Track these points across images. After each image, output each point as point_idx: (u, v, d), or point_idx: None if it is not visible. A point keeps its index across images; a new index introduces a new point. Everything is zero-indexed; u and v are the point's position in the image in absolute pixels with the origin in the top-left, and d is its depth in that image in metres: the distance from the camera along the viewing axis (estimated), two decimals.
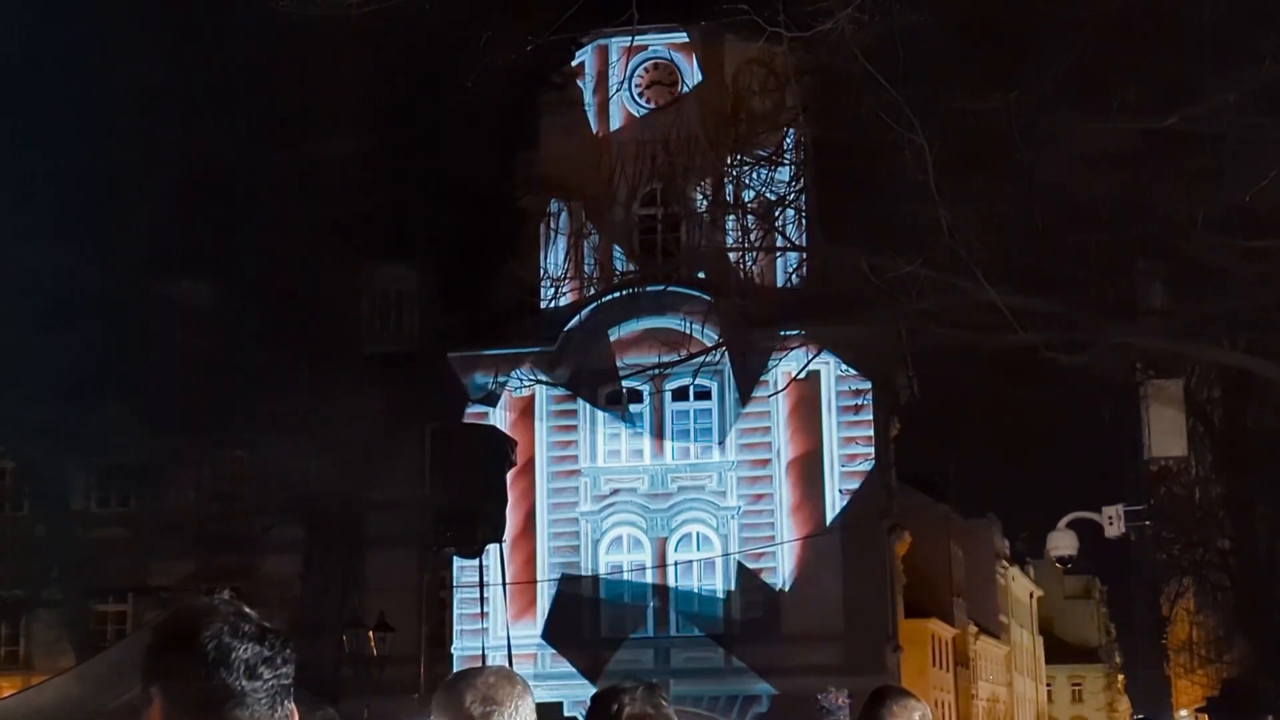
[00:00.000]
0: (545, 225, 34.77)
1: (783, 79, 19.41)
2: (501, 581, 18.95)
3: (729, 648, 33.51)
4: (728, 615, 33.98)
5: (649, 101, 35.23)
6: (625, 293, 33.71)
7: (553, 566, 34.36)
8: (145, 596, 36.84)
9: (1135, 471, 31.14)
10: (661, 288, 32.71)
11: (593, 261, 34.83)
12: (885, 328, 25.36)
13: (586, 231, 34.44)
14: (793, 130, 20.04)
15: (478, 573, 17.22)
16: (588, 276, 34.84)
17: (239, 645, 2.28)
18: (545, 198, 34.74)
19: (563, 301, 34.82)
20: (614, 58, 34.82)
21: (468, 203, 33.28)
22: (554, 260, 34.46)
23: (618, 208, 34.04)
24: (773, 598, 33.47)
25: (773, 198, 21.50)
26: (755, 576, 33.69)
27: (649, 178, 33.04)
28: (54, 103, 31.73)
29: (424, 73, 28.75)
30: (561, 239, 34.56)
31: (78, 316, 32.99)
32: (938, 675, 53.44)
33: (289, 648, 2.34)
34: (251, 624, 2.32)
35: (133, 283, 34.50)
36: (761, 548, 33.66)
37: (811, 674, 30.24)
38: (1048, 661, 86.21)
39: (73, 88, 31.27)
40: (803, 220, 23.46)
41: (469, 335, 34.07)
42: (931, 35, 14.60)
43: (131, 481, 38.54)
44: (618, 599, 34.40)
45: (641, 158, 32.04)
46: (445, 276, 35.90)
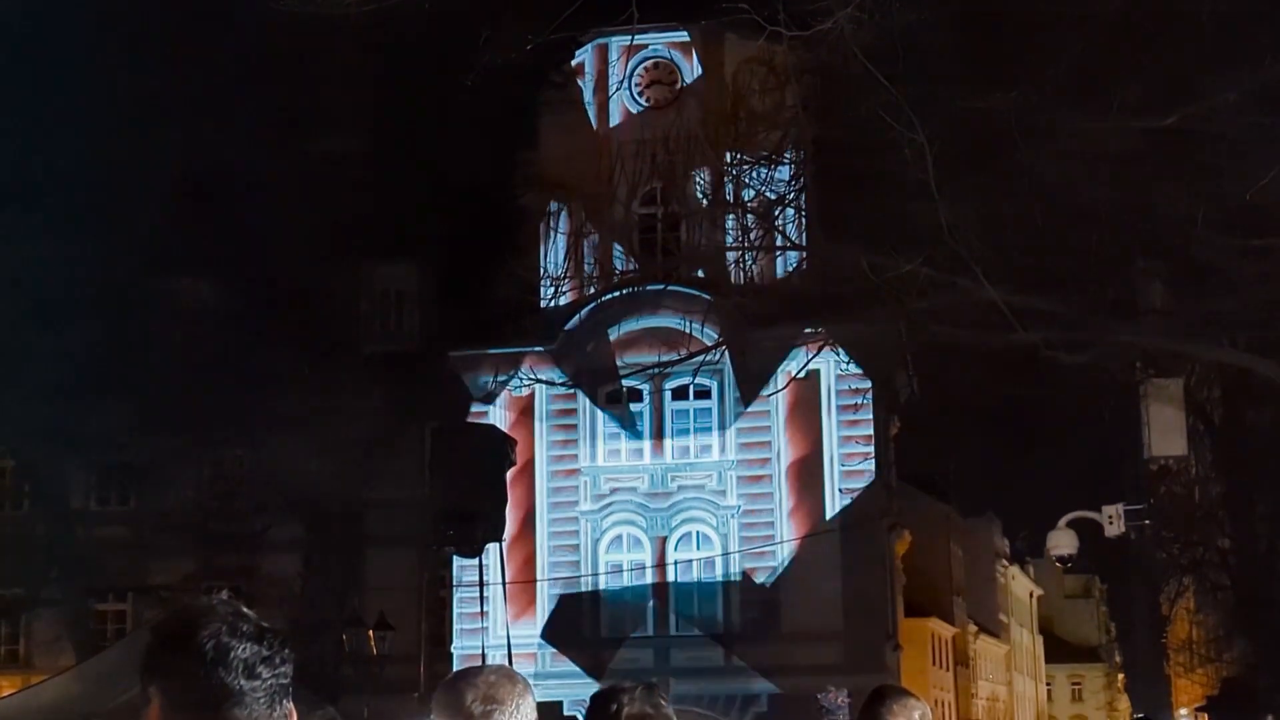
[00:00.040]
0: (545, 224, 34.76)
1: (783, 78, 19.40)
2: (501, 581, 18.95)
3: (729, 647, 33.49)
4: (727, 614, 33.98)
5: (649, 100, 35.22)
6: (625, 292, 33.69)
7: (552, 566, 34.36)
8: (145, 596, 36.83)
9: (1135, 471, 31.10)
10: (661, 287, 32.69)
11: (592, 260, 34.81)
12: (885, 326, 25.40)
13: (586, 230, 34.42)
14: (793, 129, 20.01)
15: (478, 572, 17.21)
16: (587, 275, 34.83)
17: (237, 645, 2.28)
18: (545, 197, 34.71)
19: (563, 301, 34.81)
20: (614, 57, 34.82)
21: (467, 202, 33.28)
22: (554, 259, 34.45)
23: (617, 207, 34.02)
24: (772, 597, 33.46)
25: (773, 196, 21.50)
26: (755, 576, 33.68)
27: (649, 177, 33.00)
28: (54, 103, 31.74)
29: (424, 72, 28.73)
30: (561, 238, 34.55)
31: (78, 316, 33.01)
32: (937, 674, 53.41)
33: (287, 647, 2.34)
34: (250, 624, 2.32)
35: (133, 282, 34.51)
36: (761, 547, 33.65)
37: (811, 673, 30.27)
38: (1047, 661, 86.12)
39: (73, 87, 31.28)
40: (803, 219, 23.44)
41: (469, 334, 34.05)
42: (931, 34, 14.61)
43: (131, 480, 38.53)
44: (618, 598, 34.40)
45: (641, 156, 32.02)
46: (445, 276, 35.91)
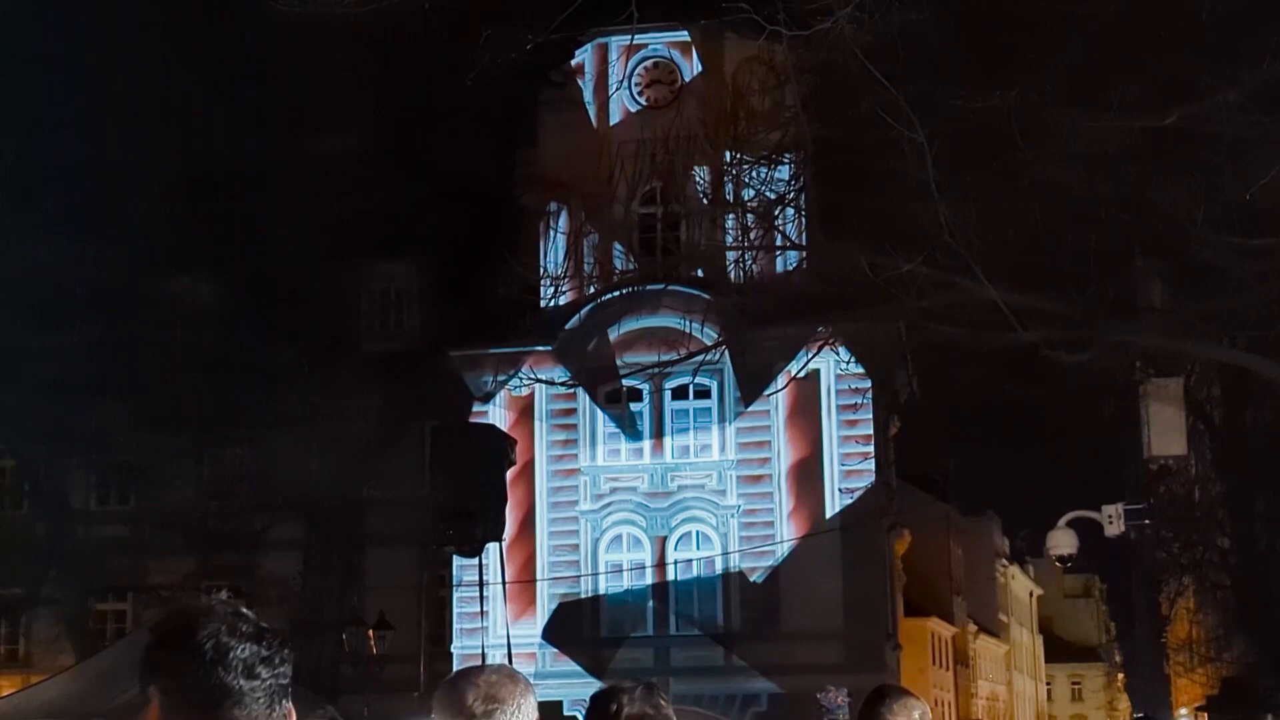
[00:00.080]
0: (545, 223, 34.75)
1: (783, 77, 19.40)
2: (501, 580, 18.94)
3: (728, 646, 33.48)
4: (727, 614, 33.97)
5: (649, 100, 35.21)
6: (625, 291, 33.66)
7: (552, 565, 34.35)
8: (145, 595, 36.84)
9: (1135, 470, 31.12)
10: (661, 286, 32.66)
11: (592, 260, 34.80)
12: (885, 326, 25.40)
13: (586, 230, 34.39)
14: (793, 128, 20.00)
15: (477, 571, 17.19)
16: (587, 275, 34.82)
17: (236, 645, 2.28)
18: (545, 196, 34.70)
19: (562, 300, 34.79)
20: (614, 56, 34.80)
21: (468, 201, 33.25)
22: (554, 259, 34.43)
23: (617, 206, 33.99)
24: (772, 596, 33.45)
25: (773, 196, 21.49)
26: (755, 575, 33.67)
27: (649, 176, 32.96)
28: (53, 102, 31.73)
29: (424, 71, 28.73)
30: (561, 237, 34.52)
31: (77, 315, 33.01)
32: (937, 674, 53.42)
33: (286, 647, 2.34)
34: (249, 624, 2.32)
35: (132, 281, 34.49)
36: (761, 546, 33.63)
37: (811, 672, 30.25)
38: (1047, 660, 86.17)
39: (72, 86, 31.27)
40: (802, 219, 23.44)
41: (469, 334, 34.03)
42: (931, 33, 14.60)
43: (131, 479, 38.51)
44: (617, 598, 34.39)
45: (641, 156, 31.97)
46: (445, 275, 35.87)
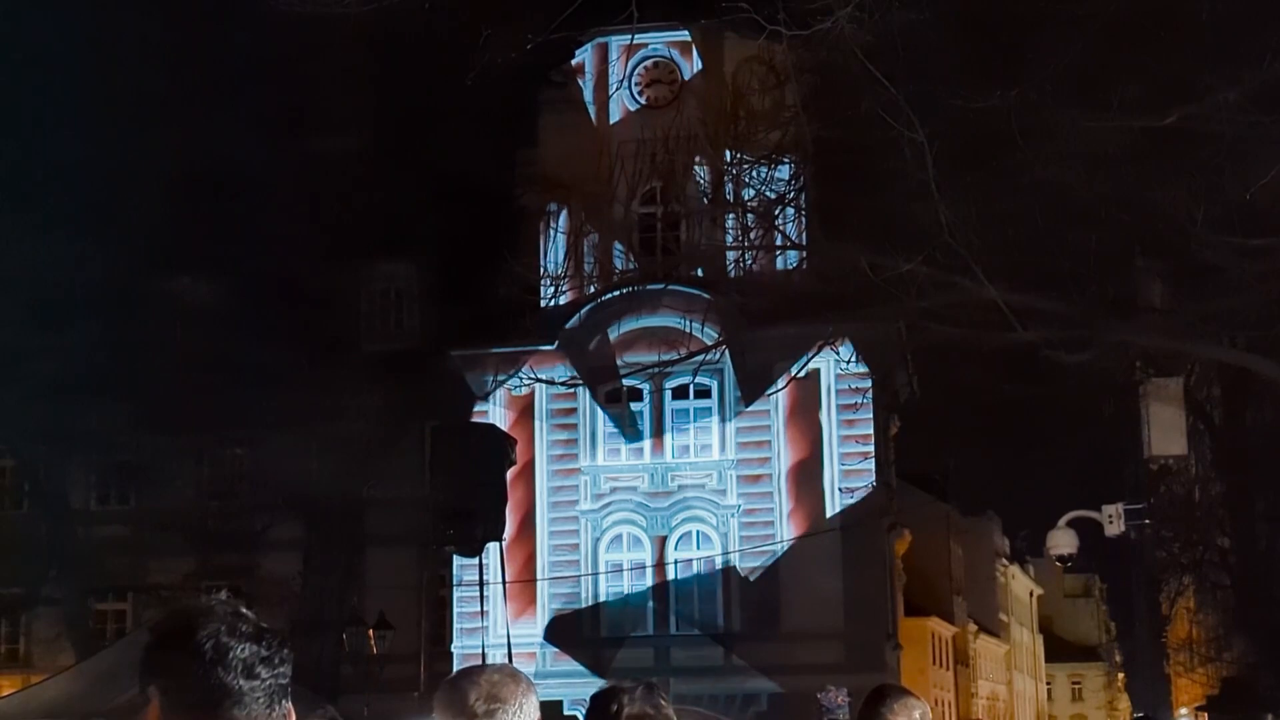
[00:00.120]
0: (545, 223, 34.75)
1: (783, 77, 19.40)
2: (501, 580, 18.93)
3: (729, 646, 33.48)
4: (727, 613, 33.97)
5: (649, 100, 35.21)
6: (625, 291, 33.66)
7: (553, 565, 34.35)
8: (145, 595, 36.83)
9: (1135, 470, 31.14)
10: (661, 286, 32.65)
11: (592, 260, 34.80)
12: (885, 326, 25.40)
13: (586, 230, 34.39)
14: (793, 128, 20.00)
15: (477, 571, 17.19)
16: (587, 275, 34.82)
17: (236, 645, 2.28)
18: (545, 196, 34.71)
19: (562, 300, 34.79)
20: (614, 56, 34.80)
21: (468, 201, 33.25)
22: (554, 258, 34.43)
23: (617, 206, 33.99)
24: (772, 596, 33.45)
25: (772, 196, 21.47)
26: (755, 575, 33.67)
27: (649, 176, 32.96)
28: (53, 102, 31.72)
29: (424, 70, 28.72)
30: (561, 237, 34.53)
31: (78, 314, 32.99)
32: (937, 674, 53.40)
33: (286, 647, 2.34)
34: (249, 624, 2.32)
35: (132, 280, 34.48)
36: (761, 546, 33.64)
37: (811, 672, 30.21)
38: (1048, 660, 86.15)
39: (72, 86, 31.26)
40: (802, 218, 23.41)
41: (469, 334, 34.03)
42: (931, 33, 14.60)
43: (131, 479, 38.51)
44: (617, 598, 34.40)
45: (641, 156, 31.96)
46: (445, 274, 35.86)
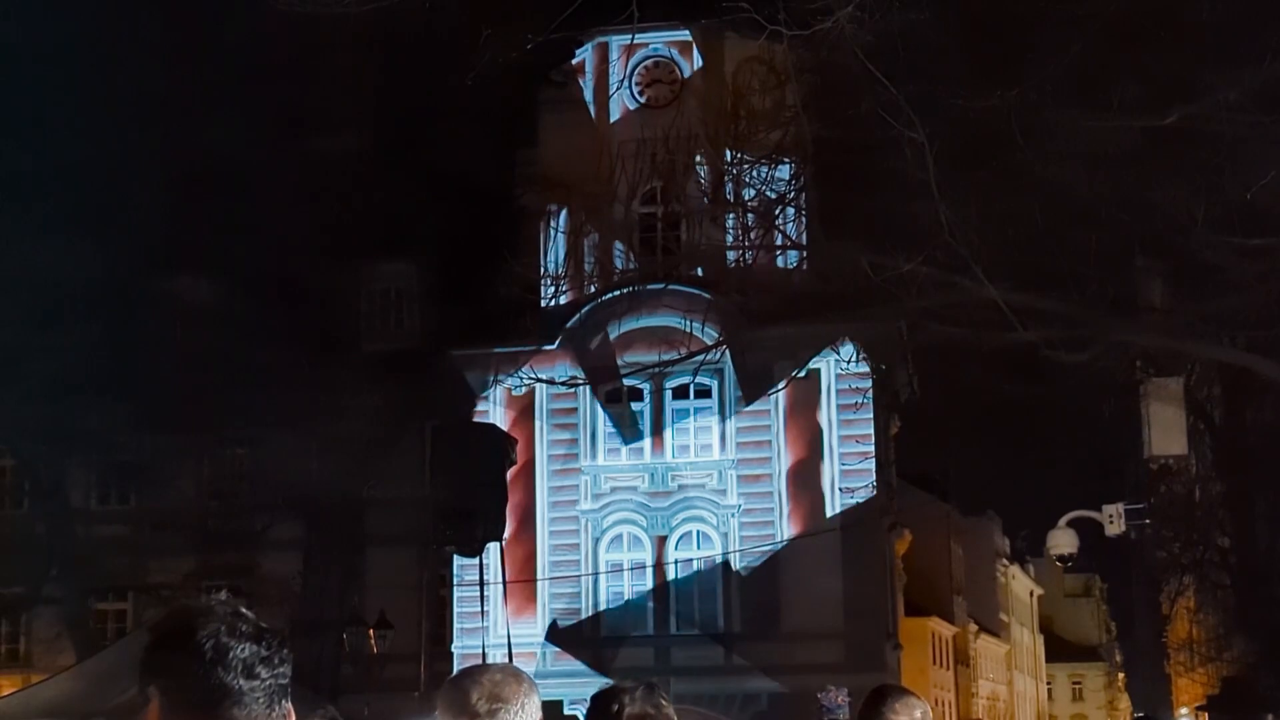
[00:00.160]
0: (545, 223, 34.75)
1: (783, 77, 19.39)
2: (502, 580, 18.95)
3: (729, 646, 33.48)
4: (728, 613, 33.97)
5: (649, 99, 35.21)
6: (625, 291, 33.67)
7: (553, 565, 34.35)
8: (145, 594, 36.82)
9: (1135, 470, 31.14)
10: (662, 286, 32.65)
11: (593, 259, 34.81)
12: (885, 326, 25.39)
13: (586, 229, 34.40)
14: (793, 128, 20.01)
15: (478, 571, 17.20)
16: (588, 274, 34.83)
17: (236, 645, 2.28)
18: (545, 195, 34.71)
19: (563, 299, 34.79)
20: (614, 55, 34.81)
21: (468, 200, 33.25)
22: (554, 258, 34.44)
23: (618, 205, 34.00)
24: (772, 596, 33.45)
25: (773, 195, 21.48)
26: (755, 575, 33.67)
27: (649, 176, 32.97)
28: (54, 101, 31.71)
29: (424, 70, 28.72)
30: (561, 237, 34.54)
31: (77, 313, 32.99)
32: (938, 673, 53.41)
33: (286, 648, 2.34)
34: (248, 624, 2.32)
35: (132, 280, 34.46)
36: (761, 546, 33.64)
37: (811, 672, 30.13)
38: (1048, 660, 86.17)
39: (72, 86, 31.25)
40: (803, 218, 23.43)
41: (469, 333, 34.03)
42: (931, 33, 14.60)
43: (131, 479, 38.48)
44: (618, 597, 34.40)
45: (641, 155, 31.98)
46: (445, 274, 35.86)
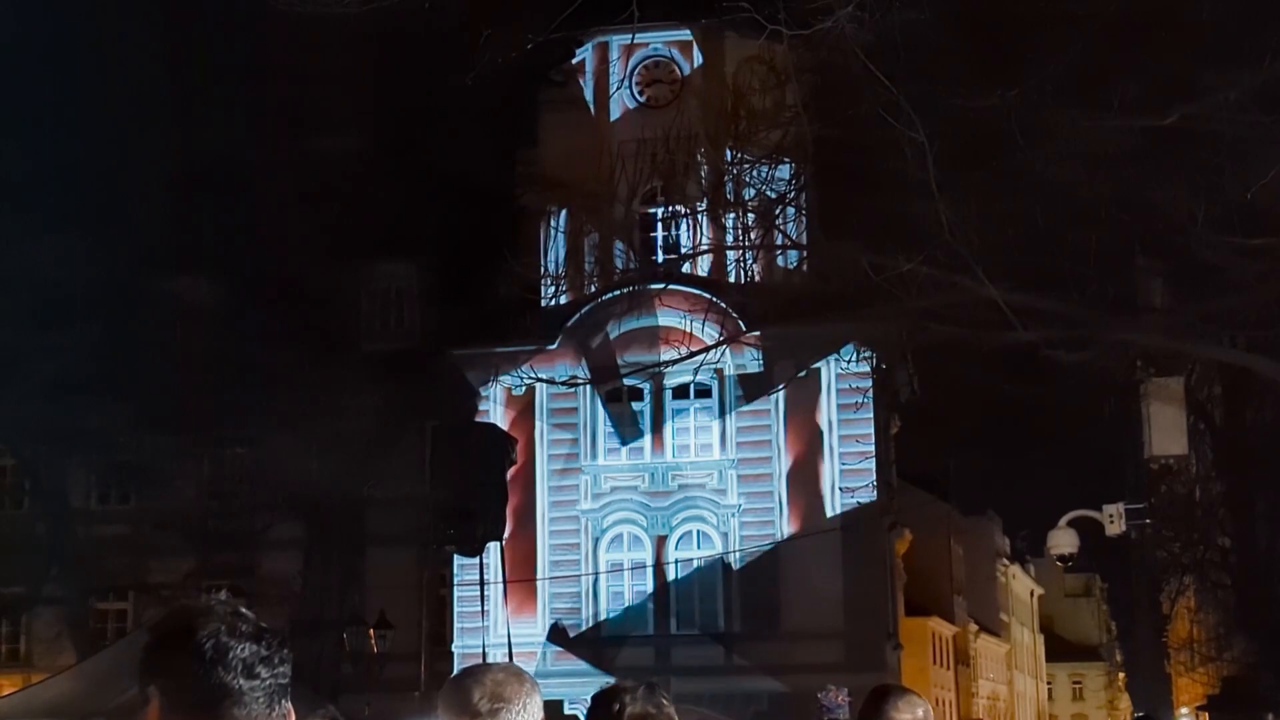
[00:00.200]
0: (545, 223, 34.74)
1: (783, 76, 19.40)
2: (502, 579, 18.96)
3: (729, 646, 33.48)
4: (728, 613, 33.96)
5: (649, 99, 35.20)
6: (625, 291, 33.67)
7: (553, 564, 34.34)
8: (146, 594, 36.82)
9: (1136, 469, 31.13)
10: (662, 286, 32.65)
11: (593, 259, 34.79)
12: (885, 325, 25.39)
13: (587, 229, 34.40)
14: (793, 128, 20.01)
15: (478, 570, 17.21)
16: (588, 274, 34.81)
17: (236, 645, 2.29)
18: (545, 195, 34.71)
19: (563, 299, 34.79)
20: (614, 55, 34.81)
21: (468, 200, 33.25)
22: (554, 258, 34.43)
23: (618, 205, 33.98)
24: (773, 596, 33.44)
25: (773, 195, 21.49)
26: (755, 574, 33.66)
27: (649, 175, 32.96)
28: (53, 101, 31.72)
29: (424, 70, 28.71)
30: (562, 236, 34.53)
31: (78, 314, 32.99)
32: (938, 673, 53.39)
33: (286, 647, 2.35)
34: (248, 624, 2.32)
35: (133, 280, 34.47)
36: (762, 546, 33.64)
37: (812, 672, 30.11)
38: (1048, 659, 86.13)
39: (72, 85, 31.26)
40: (803, 218, 23.43)
41: (470, 333, 34.03)
42: (931, 33, 14.60)
43: (132, 479, 38.49)
44: (618, 597, 34.39)
45: (642, 155, 31.96)
46: (446, 274, 35.86)
